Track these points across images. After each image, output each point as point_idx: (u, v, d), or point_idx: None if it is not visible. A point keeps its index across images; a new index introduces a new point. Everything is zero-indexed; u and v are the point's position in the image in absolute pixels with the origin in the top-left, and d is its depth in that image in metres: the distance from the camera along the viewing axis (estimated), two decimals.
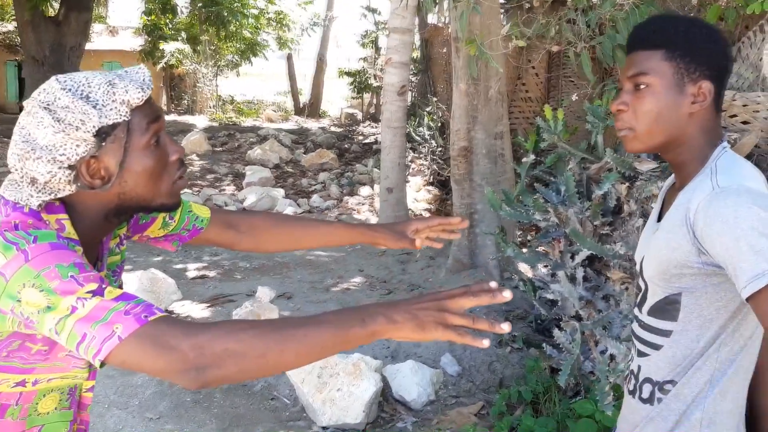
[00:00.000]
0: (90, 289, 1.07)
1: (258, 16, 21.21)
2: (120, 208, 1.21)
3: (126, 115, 1.13)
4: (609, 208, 3.25)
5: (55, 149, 1.10)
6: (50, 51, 11.40)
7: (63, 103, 1.10)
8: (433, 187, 8.59)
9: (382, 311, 1.05)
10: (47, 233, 1.11)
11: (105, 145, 1.13)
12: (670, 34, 1.26)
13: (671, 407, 1.26)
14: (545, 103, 7.59)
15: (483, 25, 4.73)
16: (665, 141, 1.27)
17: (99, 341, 1.04)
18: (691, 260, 1.18)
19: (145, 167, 1.17)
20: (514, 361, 3.90)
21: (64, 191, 1.14)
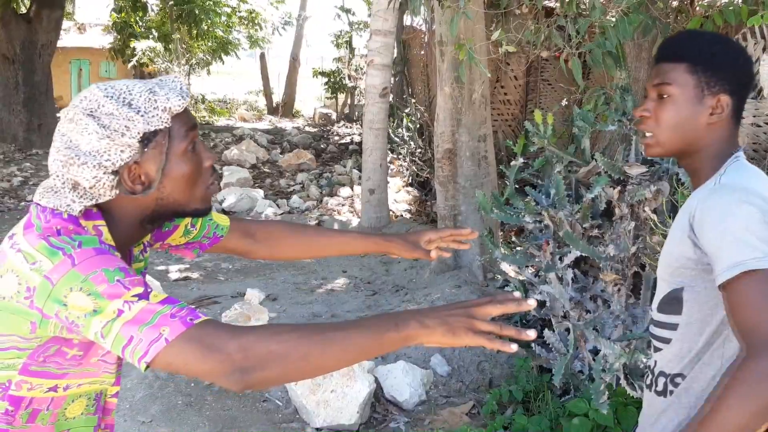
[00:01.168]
0: (136, 292, 1.09)
1: (230, 15, 21.05)
2: (156, 214, 1.24)
3: (167, 122, 1.17)
4: (598, 211, 3.33)
5: (99, 155, 1.12)
6: (21, 48, 11.19)
7: (107, 110, 1.13)
8: (412, 188, 8.64)
9: (414, 317, 1.09)
10: (91, 238, 1.13)
11: (147, 151, 1.16)
12: (695, 48, 1.35)
13: (682, 401, 1.34)
14: (524, 107, 7.71)
15: (467, 29, 4.79)
16: (683, 148, 1.37)
17: (146, 344, 1.06)
18: (688, 254, 1.28)
19: (183, 173, 1.20)
20: (502, 361, 3.97)
21: (106, 196, 1.17)
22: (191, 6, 18.38)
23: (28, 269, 1.10)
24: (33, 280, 1.10)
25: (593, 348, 3.31)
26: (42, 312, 1.11)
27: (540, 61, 7.20)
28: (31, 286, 1.10)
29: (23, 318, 1.13)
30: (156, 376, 4.00)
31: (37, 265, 1.10)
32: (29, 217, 1.19)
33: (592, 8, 3.30)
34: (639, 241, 3.04)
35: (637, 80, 4.11)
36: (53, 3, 11.32)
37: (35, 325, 1.13)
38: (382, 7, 6.63)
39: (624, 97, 3.43)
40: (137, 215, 1.23)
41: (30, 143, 11.56)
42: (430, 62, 8.39)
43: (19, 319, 1.13)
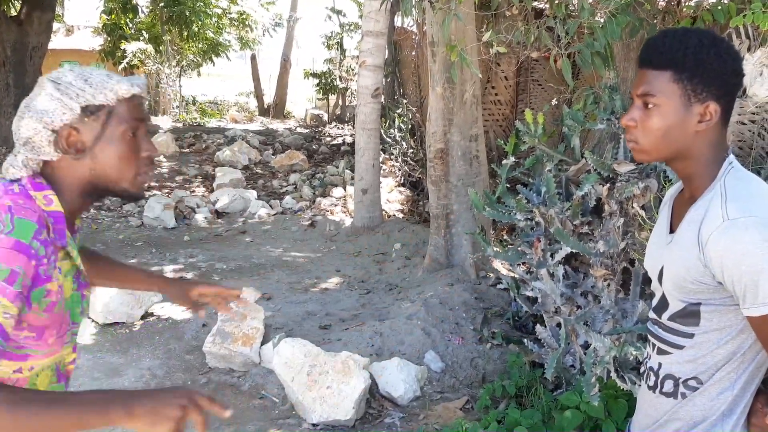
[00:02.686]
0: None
1: (221, 16, 21.04)
2: (92, 186, 1.38)
3: (112, 101, 1.34)
4: (588, 208, 3.40)
5: (45, 112, 1.31)
6: (12, 51, 11.15)
7: (67, 80, 1.33)
8: (404, 188, 8.70)
9: (124, 401, 1.17)
10: (26, 228, 1.24)
11: (87, 121, 1.33)
12: (679, 55, 1.28)
13: (697, 403, 1.37)
14: (514, 107, 7.78)
15: (458, 30, 4.85)
16: (671, 155, 1.34)
17: None
18: (705, 279, 1.29)
19: (116, 151, 1.36)
20: (494, 357, 4.03)
21: (45, 153, 1.33)
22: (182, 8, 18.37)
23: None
24: None
25: (584, 343, 3.37)
26: None
27: (530, 61, 7.27)
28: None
29: None
30: (153, 375, 4.04)
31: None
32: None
33: (581, 9, 3.37)
34: (628, 237, 3.11)
35: (625, 80, 4.17)
36: (44, 5, 11.29)
37: None
38: (374, 8, 6.69)
39: (612, 97, 3.50)
40: (76, 185, 1.37)
41: None
42: (422, 63, 8.45)
43: None
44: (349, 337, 4.20)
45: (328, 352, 3.69)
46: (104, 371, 4.04)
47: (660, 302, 1.43)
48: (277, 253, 6.87)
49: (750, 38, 3.36)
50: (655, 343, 1.45)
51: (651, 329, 1.47)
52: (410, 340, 4.12)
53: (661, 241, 1.45)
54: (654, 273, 1.45)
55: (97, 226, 7.83)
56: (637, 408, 1.53)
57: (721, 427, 1.34)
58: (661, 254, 1.42)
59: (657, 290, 1.45)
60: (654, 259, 1.46)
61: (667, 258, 1.38)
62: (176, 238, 7.40)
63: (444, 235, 5.39)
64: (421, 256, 5.84)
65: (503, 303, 4.68)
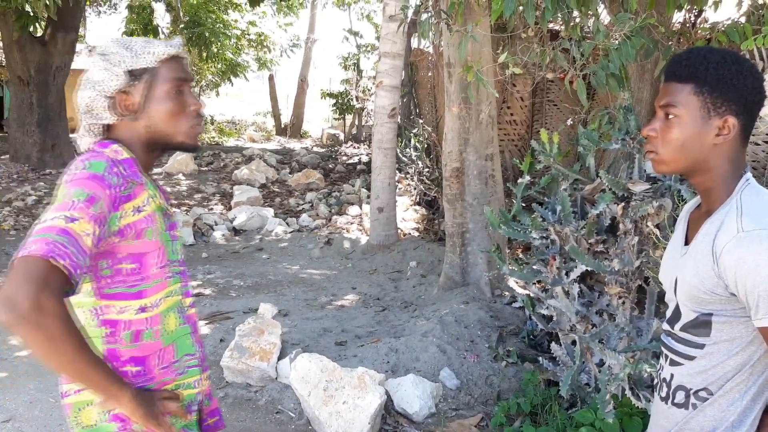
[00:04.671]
0: (72, 215, 1.29)
1: (239, 37, 21.35)
2: (151, 141, 1.53)
3: (154, 63, 1.49)
4: (603, 227, 3.43)
5: (99, 82, 1.48)
6: (36, 71, 11.41)
7: (111, 50, 1.49)
8: (420, 206, 8.75)
9: (134, 395, 1.36)
10: (100, 164, 1.40)
11: (135, 84, 1.49)
12: (701, 69, 1.34)
13: (707, 413, 1.39)
14: (530, 127, 7.83)
15: (475, 51, 4.93)
16: (689, 167, 1.39)
17: (23, 248, 1.26)
18: (718, 290, 1.32)
19: (166, 108, 1.51)
20: (509, 375, 4.04)
21: (106, 117, 1.49)
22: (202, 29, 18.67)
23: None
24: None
25: (599, 361, 3.39)
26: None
27: (545, 82, 7.33)
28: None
29: None
30: None
31: (60, 180, 1.40)
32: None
33: (596, 31, 3.42)
34: (643, 255, 3.13)
35: (639, 101, 4.21)
36: (68, 26, 11.55)
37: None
38: (392, 30, 6.80)
39: (627, 117, 3.54)
40: (138, 142, 1.53)
41: (44, 163, 11.74)
42: (438, 83, 8.54)
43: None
44: (364, 354, 4.24)
45: (344, 368, 3.72)
46: None
47: (673, 313, 1.47)
48: (293, 270, 6.93)
49: (764, 60, 3.40)
50: (668, 354, 1.48)
51: (664, 340, 1.50)
52: (425, 357, 4.14)
53: (676, 253, 1.49)
54: (669, 285, 1.48)
55: None
56: (651, 420, 1.56)
57: None
58: (676, 266, 1.45)
59: (671, 302, 1.48)
60: (669, 271, 1.50)
61: (682, 269, 1.42)
62: (194, 255, 7.49)
63: (459, 253, 5.42)
64: (437, 274, 5.88)
65: (518, 321, 4.70)
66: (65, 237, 1.26)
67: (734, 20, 3.83)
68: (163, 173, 11.99)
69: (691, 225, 1.48)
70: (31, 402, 3.82)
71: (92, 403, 1.43)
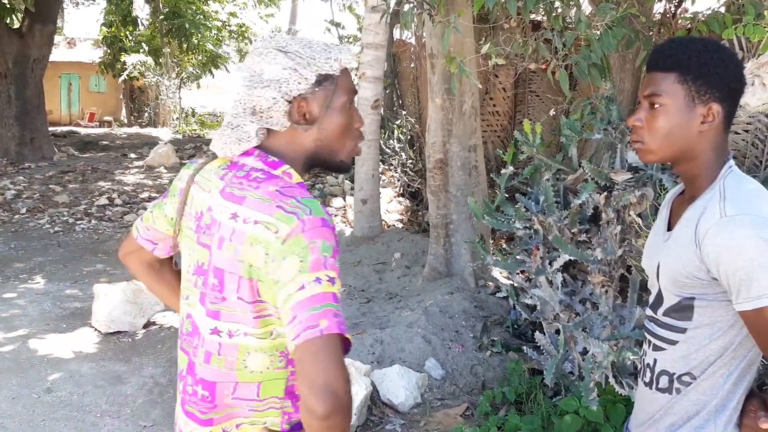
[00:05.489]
0: (330, 275, 1.20)
1: (220, 29, 21.20)
2: (314, 157, 1.38)
3: (337, 71, 1.35)
4: (585, 216, 3.45)
5: (281, 82, 1.31)
6: (13, 63, 11.25)
7: (294, 48, 1.33)
8: (404, 198, 8.76)
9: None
10: (315, 203, 1.25)
11: (317, 90, 1.33)
12: (684, 57, 1.36)
13: (691, 398, 1.41)
14: (512, 117, 7.86)
15: (457, 42, 4.92)
16: (676, 155, 1.41)
17: (302, 327, 1.16)
18: (700, 274, 1.34)
19: (340, 122, 1.36)
20: (494, 364, 4.07)
21: (277, 123, 1.33)
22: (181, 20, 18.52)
23: (273, 238, 1.22)
24: (275, 247, 1.21)
25: (583, 349, 3.42)
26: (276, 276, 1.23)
27: (528, 73, 7.35)
28: (274, 254, 1.22)
29: (270, 286, 1.25)
30: (156, 383, 4.07)
31: (279, 233, 1.21)
32: (237, 185, 1.31)
33: (578, 22, 3.44)
34: (625, 244, 3.16)
35: (621, 91, 4.24)
36: (46, 18, 11.39)
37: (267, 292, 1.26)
38: (374, 21, 6.77)
39: (609, 107, 3.57)
40: (301, 157, 1.36)
41: (22, 157, 11.60)
42: (420, 75, 8.53)
43: (267, 287, 1.25)
44: None
45: None
46: (107, 379, 4.08)
47: (656, 299, 1.48)
48: None
49: (743, 50, 3.43)
50: (651, 340, 1.50)
51: (647, 326, 1.52)
52: (411, 347, 4.16)
53: (658, 239, 1.50)
54: (651, 270, 1.50)
55: (98, 236, 7.88)
56: (635, 405, 1.58)
57: (713, 422, 1.39)
58: (659, 251, 1.47)
59: (653, 288, 1.50)
60: (651, 257, 1.51)
61: (665, 254, 1.43)
62: None
63: (443, 244, 5.44)
64: (421, 266, 5.89)
65: (503, 311, 4.73)
66: (338, 304, 1.19)
67: (715, 10, 3.86)
68: (144, 166, 11.90)
69: (674, 211, 1.50)
70: (14, 398, 3.78)
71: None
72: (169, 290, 1.64)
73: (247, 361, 1.31)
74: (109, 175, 11.11)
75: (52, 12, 11.77)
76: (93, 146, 14.48)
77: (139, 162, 12.38)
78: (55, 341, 4.59)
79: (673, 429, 1.44)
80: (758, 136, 3.10)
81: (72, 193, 9.75)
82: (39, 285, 5.97)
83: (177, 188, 1.47)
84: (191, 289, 1.38)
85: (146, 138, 15.95)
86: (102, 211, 8.92)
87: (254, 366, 1.32)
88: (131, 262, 1.61)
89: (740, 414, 1.40)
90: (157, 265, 1.61)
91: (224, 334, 1.31)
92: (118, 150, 14.00)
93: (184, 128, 18.10)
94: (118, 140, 15.54)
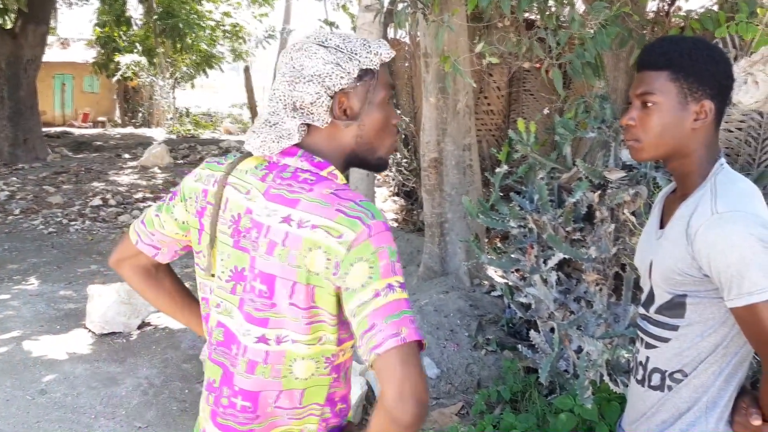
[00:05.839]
0: (399, 280, 1.18)
1: (214, 29, 21.17)
2: (353, 154, 1.34)
3: (376, 66, 1.31)
4: (580, 215, 3.46)
5: (323, 77, 1.27)
6: (6, 64, 11.20)
7: (334, 43, 1.30)
8: (398, 197, 8.76)
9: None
10: (374, 206, 1.23)
11: (358, 86, 1.30)
12: (675, 56, 1.37)
13: (682, 395, 1.42)
14: (507, 116, 7.86)
15: (451, 41, 4.93)
16: (669, 152, 1.41)
17: (384, 336, 1.13)
18: (692, 271, 1.35)
19: (380, 117, 1.33)
20: (489, 363, 4.07)
21: (319, 119, 1.29)
22: (175, 20, 18.49)
23: (336, 243, 1.18)
24: (340, 253, 1.18)
25: (577, 347, 3.42)
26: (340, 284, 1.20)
27: (522, 72, 7.35)
28: (338, 260, 1.18)
29: (329, 292, 1.22)
30: (150, 384, 4.06)
31: (343, 238, 1.18)
32: (285, 186, 1.25)
33: (572, 20, 3.44)
34: (619, 242, 3.17)
35: (615, 89, 4.25)
36: (39, 18, 11.35)
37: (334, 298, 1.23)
38: (368, 20, 6.76)
39: (603, 106, 3.57)
40: (340, 154, 1.33)
41: (15, 158, 11.56)
42: (415, 74, 8.52)
43: (326, 293, 1.22)
44: None
45: None
46: (101, 380, 4.07)
47: (648, 297, 1.49)
48: None
49: (736, 48, 3.44)
50: (644, 338, 1.50)
51: (640, 324, 1.52)
52: None
53: (651, 237, 1.51)
54: (644, 268, 1.51)
55: (92, 237, 7.86)
56: (628, 403, 1.59)
57: (705, 419, 1.39)
58: (651, 249, 1.48)
59: (646, 285, 1.51)
60: (644, 255, 1.52)
61: (657, 252, 1.44)
62: None
63: (438, 243, 5.44)
64: (416, 265, 5.89)
65: (497, 310, 4.73)
66: (412, 310, 1.18)
67: (708, 8, 3.86)
68: (139, 166, 11.87)
69: (666, 209, 1.50)
70: (8, 400, 3.77)
71: None
72: (168, 297, 1.57)
73: (293, 368, 1.28)
74: (103, 176, 11.08)
75: (45, 12, 11.73)
76: (87, 147, 14.44)
77: (133, 162, 12.35)
78: (49, 343, 4.58)
79: (665, 426, 1.44)
80: (751, 134, 3.11)
81: (66, 194, 9.72)
82: (33, 286, 5.94)
83: (194, 190, 1.38)
84: (225, 296, 1.32)
85: (140, 138, 15.91)
86: (96, 212, 8.89)
87: (300, 373, 1.29)
88: (125, 268, 1.53)
89: (732, 411, 1.40)
90: (153, 271, 1.54)
91: (272, 342, 1.27)
92: (112, 150, 13.96)
93: (179, 128, 18.05)
94: (111, 141, 15.50)
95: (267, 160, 1.32)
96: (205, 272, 1.37)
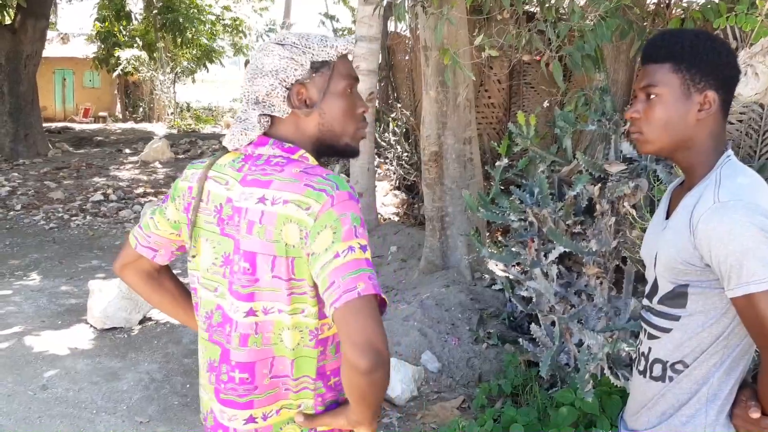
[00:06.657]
0: (361, 243, 1.27)
1: (214, 23, 21.13)
2: (319, 142, 1.44)
3: (333, 57, 1.41)
4: (580, 208, 3.45)
5: (278, 71, 1.38)
6: (6, 59, 11.19)
7: (291, 40, 1.41)
8: (399, 191, 8.74)
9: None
10: (339, 178, 1.33)
11: (314, 77, 1.40)
12: (677, 48, 1.38)
13: (683, 386, 1.42)
14: (507, 109, 7.84)
15: (451, 34, 4.91)
16: (674, 145, 1.41)
17: (341, 291, 1.22)
18: (694, 261, 1.35)
19: (340, 106, 1.42)
20: (490, 357, 4.07)
21: (279, 110, 1.40)
22: (175, 15, 18.44)
23: (305, 215, 1.28)
24: (308, 224, 1.28)
25: (578, 341, 3.42)
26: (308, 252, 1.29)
27: (522, 64, 7.32)
28: (307, 231, 1.28)
29: (306, 262, 1.31)
30: (152, 378, 4.07)
31: (311, 209, 1.28)
32: (260, 171, 1.36)
33: (572, 13, 3.42)
34: (619, 235, 3.16)
35: (615, 82, 4.23)
36: (38, 13, 11.33)
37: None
38: (367, 13, 6.74)
39: (603, 98, 3.56)
40: (306, 141, 1.43)
41: (16, 153, 11.56)
42: (415, 67, 8.50)
43: (304, 263, 1.31)
44: None
45: None
46: (103, 375, 4.07)
47: (651, 288, 1.49)
48: None
49: (736, 39, 3.42)
50: (646, 329, 1.50)
51: (644, 315, 1.53)
52: (407, 341, 4.16)
53: (657, 228, 1.51)
54: (649, 260, 1.51)
55: (93, 232, 7.86)
56: (630, 394, 1.59)
57: (705, 411, 1.39)
58: (657, 240, 1.48)
59: (650, 277, 1.51)
60: (650, 247, 1.52)
61: (661, 243, 1.44)
62: None
63: (439, 237, 5.43)
64: (417, 259, 5.88)
65: (498, 304, 4.73)
66: (371, 268, 1.26)
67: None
68: (140, 161, 11.86)
69: (674, 201, 1.51)
70: (9, 395, 3.78)
71: (291, 420, 1.41)
72: (171, 299, 1.65)
73: (282, 336, 1.36)
74: (103, 171, 11.08)
75: (45, 7, 11.71)
76: (87, 142, 14.43)
77: (134, 157, 12.35)
78: (50, 338, 4.58)
79: (665, 417, 1.44)
80: (752, 125, 3.09)
81: (67, 189, 9.72)
82: (34, 282, 5.95)
83: (181, 189, 1.48)
84: (220, 281, 1.40)
85: (141, 133, 15.91)
86: (97, 207, 8.89)
87: (288, 342, 1.36)
88: (128, 274, 1.61)
89: (732, 404, 1.40)
90: (155, 274, 1.61)
91: (260, 313, 1.35)
92: (113, 145, 13.96)
93: (179, 123, 18.04)
94: (112, 136, 15.50)
95: (243, 153, 1.42)
96: (193, 262, 1.46)
